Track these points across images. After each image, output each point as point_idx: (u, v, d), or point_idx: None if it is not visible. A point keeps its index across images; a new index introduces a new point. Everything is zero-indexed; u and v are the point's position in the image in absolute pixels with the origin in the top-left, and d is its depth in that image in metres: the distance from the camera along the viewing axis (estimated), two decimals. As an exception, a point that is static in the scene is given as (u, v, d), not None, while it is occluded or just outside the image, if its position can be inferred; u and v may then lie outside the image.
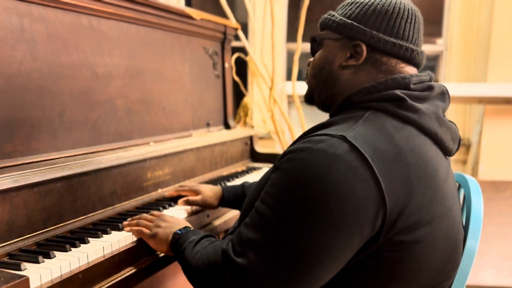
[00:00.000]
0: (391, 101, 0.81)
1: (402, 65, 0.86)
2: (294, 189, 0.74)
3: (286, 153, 0.80)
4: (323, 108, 0.96)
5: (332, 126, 0.81)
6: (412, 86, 0.82)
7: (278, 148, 2.96)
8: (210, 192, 1.33)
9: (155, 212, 1.15)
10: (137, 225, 1.08)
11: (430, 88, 0.85)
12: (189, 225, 1.04)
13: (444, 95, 0.87)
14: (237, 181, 1.68)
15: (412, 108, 0.80)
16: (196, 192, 1.33)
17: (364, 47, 0.85)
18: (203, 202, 1.31)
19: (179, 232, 0.99)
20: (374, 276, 0.77)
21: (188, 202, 1.31)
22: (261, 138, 3.05)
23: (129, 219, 1.13)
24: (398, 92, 0.81)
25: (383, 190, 0.72)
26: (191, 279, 0.88)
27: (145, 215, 1.13)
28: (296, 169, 0.75)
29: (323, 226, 0.71)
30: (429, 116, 0.81)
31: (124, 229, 1.08)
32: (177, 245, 0.96)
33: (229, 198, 1.32)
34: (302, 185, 0.73)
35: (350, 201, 0.71)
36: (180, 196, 1.36)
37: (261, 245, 0.75)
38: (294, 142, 0.84)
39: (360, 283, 0.78)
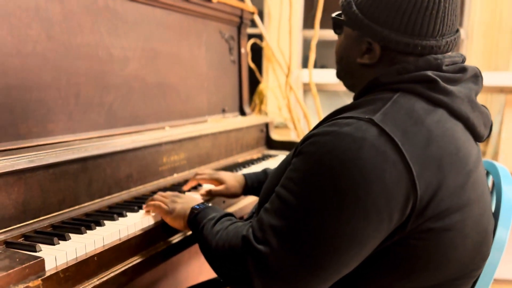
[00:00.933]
0: (422, 82, 0.76)
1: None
2: (319, 175, 0.71)
3: (309, 136, 0.76)
4: (350, 91, 0.92)
5: (358, 108, 0.77)
6: (444, 67, 0.78)
7: (293, 136, 2.92)
8: (233, 181, 1.26)
9: (169, 192, 1.12)
10: (153, 200, 1.07)
11: (463, 70, 0.80)
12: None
13: (477, 77, 0.82)
14: (253, 168, 1.65)
15: (444, 90, 0.76)
16: (218, 181, 1.26)
17: (377, 46, 0.80)
18: (227, 191, 1.25)
19: (197, 207, 0.97)
20: (400, 264, 0.74)
21: (211, 193, 1.25)
22: (276, 127, 3.01)
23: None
24: (429, 73, 0.76)
25: (414, 176, 0.68)
26: (209, 259, 0.86)
27: (160, 192, 1.11)
28: (321, 153, 0.71)
29: (350, 214, 0.68)
30: (462, 99, 0.77)
31: (143, 207, 1.07)
32: (195, 221, 0.94)
33: (253, 185, 1.27)
34: (327, 171, 0.70)
35: (379, 187, 0.67)
36: (200, 185, 1.33)
37: (284, 232, 0.72)
38: (318, 125, 0.81)
39: (386, 270, 0.75)
